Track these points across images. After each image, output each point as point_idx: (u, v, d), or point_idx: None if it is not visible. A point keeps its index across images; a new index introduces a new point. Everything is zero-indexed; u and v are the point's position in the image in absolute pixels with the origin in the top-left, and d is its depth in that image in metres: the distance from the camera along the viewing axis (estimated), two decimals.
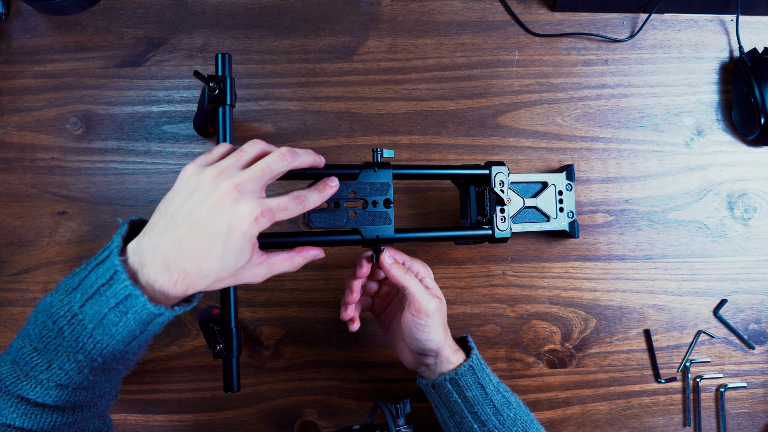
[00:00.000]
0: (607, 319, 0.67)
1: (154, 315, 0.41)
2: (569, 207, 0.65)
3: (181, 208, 0.42)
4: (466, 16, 0.69)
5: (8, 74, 0.66)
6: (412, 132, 0.67)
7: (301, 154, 0.46)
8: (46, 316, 0.43)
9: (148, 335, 0.44)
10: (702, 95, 0.70)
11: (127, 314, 0.41)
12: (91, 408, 0.47)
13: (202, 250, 0.41)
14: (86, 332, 0.42)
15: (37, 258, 0.64)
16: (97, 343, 0.42)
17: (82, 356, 0.42)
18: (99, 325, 0.42)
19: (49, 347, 0.43)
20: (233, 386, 0.52)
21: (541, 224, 0.63)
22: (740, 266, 0.68)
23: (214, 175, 0.42)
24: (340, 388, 0.65)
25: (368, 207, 0.53)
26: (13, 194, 0.65)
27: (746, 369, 0.68)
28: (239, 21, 0.67)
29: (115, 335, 0.42)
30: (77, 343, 0.42)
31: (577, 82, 0.69)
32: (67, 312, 0.42)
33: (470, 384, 0.53)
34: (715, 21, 0.71)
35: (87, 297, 0.42)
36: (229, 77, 0.52)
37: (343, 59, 0.68)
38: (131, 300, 0.41)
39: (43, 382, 0.43)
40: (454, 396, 0.54)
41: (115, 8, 0.67)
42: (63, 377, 0.43)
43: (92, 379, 0.44)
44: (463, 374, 0.53)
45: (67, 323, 0.42)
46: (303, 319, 0.65)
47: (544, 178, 0.64)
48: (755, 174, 0.70)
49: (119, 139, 0.66)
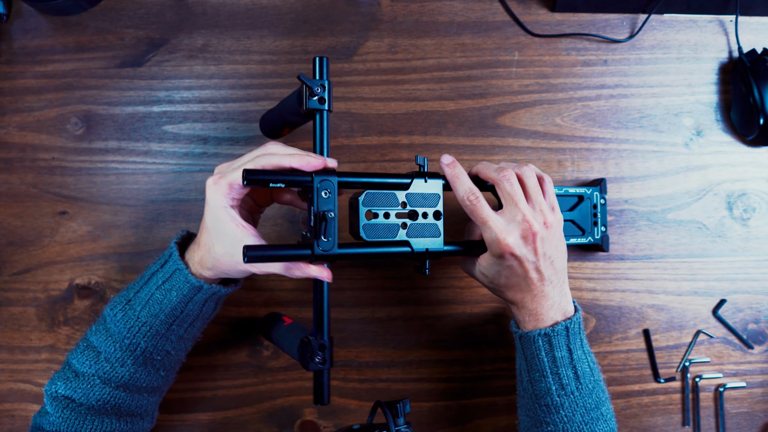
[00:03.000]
0: (606, 319, 0.68)
1: (195, 289, 0.49)
2: (602, 221, 0.65)
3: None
4: (466, 16, 0.69)
5: (9, 74, 0.66)
6: (412, 132, 0.68)
7: (292, 155, 0.47)
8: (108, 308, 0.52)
9: (186, 319, 0.51)
10: (701, 96, 0.70)
11: (171, 291, 0.50)
12: (132, 422, 0.53)
13: (203, 226, 0.49)
14: (134, 314, 0.50)
15: (38, 258, 0.64)
16: (143, 326, 0.50)
17: (128, 340, 0.50)
18: (146, 306, 0.50)
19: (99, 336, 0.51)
20: (324, 398, 0.49)
21: (576, 238, 0.64)
22: (739, 266, 0.69)
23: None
24: (340, 388, 0.65)
25: (418, 218, 0.52)
26: (14, 194, 0.65)
27: (745, 369, 0.68)
28: (240, 21, 0.67)
29: (159, 314, 0.50)
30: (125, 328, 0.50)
31: (576, 82, 0.69)
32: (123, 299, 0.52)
33: (561, 344, 0.51)
34: (714, 21, 0.71)
35: (142, 283, 0.51)
36: (329, 81, 0.50)
37: (343, 59, 0.68)
38: (177, 275, 0.50)
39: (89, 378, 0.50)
40: (542, 353, 0.51)
41: (116, 9, 0.67)
42: (108, 370, 0.50)
43: (133, 372, 0.51)
44: (559, 332, 0.51)
45: (121, 308, 0.51)
46: (303, 319, 0.65)
47: (581, 191, 0.64)
48: (754, 174, 0.70)
49: (120, 139, 0.66)
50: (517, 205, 0.50)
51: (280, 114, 0.57)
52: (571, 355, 0.51)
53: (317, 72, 0.50)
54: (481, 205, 0.50)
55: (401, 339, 0.66)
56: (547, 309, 0.52)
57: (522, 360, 0.54)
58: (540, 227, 0.50)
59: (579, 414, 0.51)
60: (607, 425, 0.52)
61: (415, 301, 0.66)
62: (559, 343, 0.51)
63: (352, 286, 0.66)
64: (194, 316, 0.51)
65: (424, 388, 0.66)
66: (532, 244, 0.49)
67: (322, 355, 0.49)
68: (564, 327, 0.51)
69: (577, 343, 0.52)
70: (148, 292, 0.50)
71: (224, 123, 0.66)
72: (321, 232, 0.46)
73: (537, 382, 0.52)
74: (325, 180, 0.47)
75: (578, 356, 0.52)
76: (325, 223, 0.46)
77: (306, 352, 0.49)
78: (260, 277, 0.65)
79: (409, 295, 0.66)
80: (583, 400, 0.51)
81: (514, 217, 0.50)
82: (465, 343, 0.66)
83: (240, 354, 0.65)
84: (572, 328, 0.52)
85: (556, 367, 0.51)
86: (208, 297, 0.51)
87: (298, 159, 0.46)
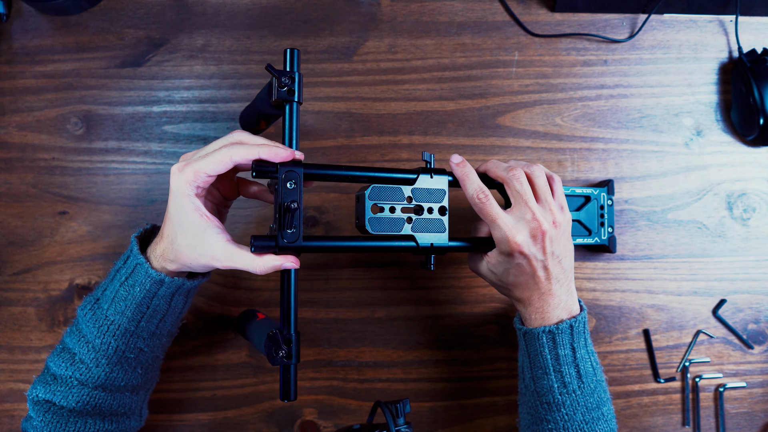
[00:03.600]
0: (606, 319, 0.68)
1: (157, 284, 0.48)
2: (609, 222, 0.65)
3: None
4: (466, 16, 0.69)
5: (9, 74, 0.66)
6: (412, 132, 0.68)
7: (260, 145, 0.46)
8: (79, 308, 0.51)
9: (155, 315, 0.50)
10: (701, 96, 0.70)
11: (134, 287, 0.48)
12: (117, 421, 0.52)
13: (166, 216, 0.48)
14: (102, 313, 0.49)
15: (38, 258, 0.64)
16: (111, 324, 0.49)
17: (99, 340, 0.49)
18: (112, 304, 0.49)
19: (73, 337, 0.50)
20: (291, 395, 0.48)
21: (583, 238, 0.64)
22: (739, 266, 0.69)
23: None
24: (340, 388, 0.65)
25: (423, 213, 0.52)
26: (14, 194, 0.65)
27: (745, 369, 0.68)
28: (240, 21, 0.67)
29: (125, 311, 0.49)
30: (96, 328, 0.49)
31: (576, 82, 0.69)
32: (92, 298, 0.51)
33: (565, 342, 0.51)
34: (714, 21, 0.71)
35: (108, 281, 0.50)
36: (299, 73, 0.50)
37: (343, 59, 0.68)
38: (138, 270, 0.48)
39: (66, 380, 0.49)
40: (545, 350, 0.51)
41: (116, 9, 0.67)
42: (84, 371, 0.49)
43: (109, 372, 0.50)
44: (563, 330, 0.51)
45: (90, 308, 0.50)
46: (303, 319, 0.65)
47: (587, 192, 0.64)
48: (754, 174, 0.70)
49: (120, 139, 0.66)
50: (527, 204, 0.50)
51: (255, 107, 0.57)
52: (574, 354, 0.51)
53: (287, 63, 0.50)
54: (491, 203, 0.50)
55: (401, 339, 0.66)
56: (553, 307, 0.52)
57: (525, 357, 0.54)
58: (549, 226, 0.50)
59: (580, 413, 0.51)
60: (607, 425, 0.52)
61: (415, 301, 0.66)
62: (563, 341, 0.51)
63: (352, 286, 0.66)
64: (163, 311, 0.50)
65: (424, 388, 0.66)
66: (541, 243, 0.50)
67: (288, 349, 0.48)
68: (569, 325, 0.51)
69: (581, 342, 0.52)
70: (113, 290, 0.49)
71: (224, 123, 0.66)
72: (285, 223, 0.46)
73: (539, 379, 0.52)
74: (291, 171, 0.47)
75: (581, 355, 0.52)
76: (289, 214, 0.45)
77: (272, 347, 0.48)
78: (261, 276, 0.65)
79: (409, 295, 0.66)
80: (584, 399, 0.51)
81: (524, 215, 0.50)
82: (465, 343, 0.66)
83: (240, 354, 0.65)
84: (576, 326, 0.52)
85: (558, 364, 0.51)
86: (174, 291, 0.49)
87: (267, 150, 0.46)
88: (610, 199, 0.65)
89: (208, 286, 0.65)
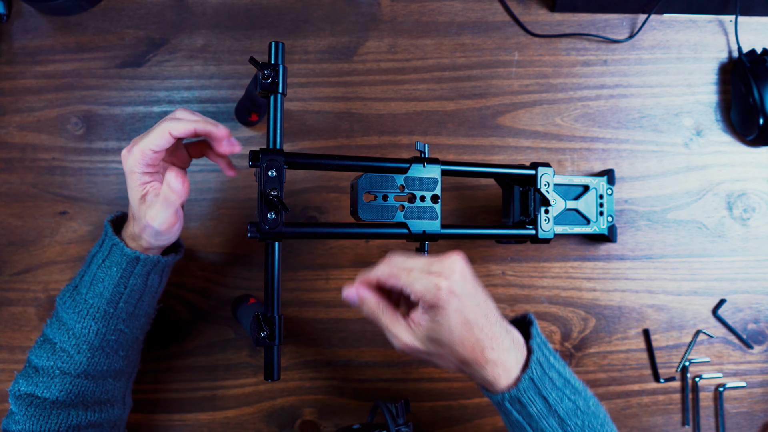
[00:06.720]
0: (606, 319, 0.68)
1: (133, 261, 0.50)
2: (609, 211, 0.65)
3: None
4: (465, 16, 0.69)
5: (9, 75, 0.66)
6: (412, 132, 0.68)
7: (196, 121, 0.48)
8: (58, 298, 0.52)
9: (132, 294, 0.51)
10: (701, 96, 0.70)
11: (111, 267, 0.50)
12: (100, 410, 0.52)
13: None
14: (82, 298, 0.50)
15: (38, 258, 0.64)
16: (90, 308, 0.50)
17: (80, 324, 0.50)
18: (90, 287, 0.50)
19: (53, 327, 0.51)
20: (273, 374, 0.50)
21: (581, 227, 0.64)
22: (739, 266, 0.69)
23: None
24: (340, 388, 0.65)
25: (416, 201, 0.54)
26: (15, 194, 0.65)
27: (745, 368, 0.68)
28: (240, 21, 0.67)
29: (103, 293, 0.50)
30: (75, 313, 0.50)
31: (576, 82, 0.69)
32: (71, 286, 0.52)
33: (534, 398, 0.45)
34: (714, 22, 0.71)
35: (86, 267, 0.52)
36: (282, 66, 0.51)
37: (343, 59, 0.68)
38: (114, 251, 0.50)
39: (48, 371, 0.49)
40: (514, 415, 0.46)
41: (116, 9, 0.67)
42: (65, 359, 0.50)
43: (91, 357, 0.50)
44: (526, 389, 0.45)
45: (69, 295, 0.51)
46: (303, 318, 0.65)
47: (585, 181, 0.64)
48: (754, 174, 0.70)
49: (120, 139, 0.66)
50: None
51: (246, 98, 0.58)
52: (547, 403, 0.46)
53: (272, 56, 0.52)
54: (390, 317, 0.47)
55: None
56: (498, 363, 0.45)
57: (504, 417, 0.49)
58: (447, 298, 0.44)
59: None
60: None
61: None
62: (530, 399, 0.45)
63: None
64: (140, 290, 0.52)
65: (424, 388, 0.66)
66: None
67: (270, 330, 0.49)
68: (528, 379, 0.45)
69: (547, 385, 0.46)
70: (91, 274, 0.51)
71: (224, 123, 0.66)
72: (265, 209, 0.48)
73: None
74: (272, 159, 0.49)
75: (555, 399, 0.46)
76: (269, 201, 0.48)
77: (255, 328, 0.49)
78: (260, 273, 0.65)
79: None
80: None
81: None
82: None
83: (240, 354, 0.65)
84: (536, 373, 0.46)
85: (535, 422, 0.46)
86: (150, 268, 0.52)
87: (203, 125, 0.48)
88: (611, 188, 0.65)
89: (209, 286, 0.65)
